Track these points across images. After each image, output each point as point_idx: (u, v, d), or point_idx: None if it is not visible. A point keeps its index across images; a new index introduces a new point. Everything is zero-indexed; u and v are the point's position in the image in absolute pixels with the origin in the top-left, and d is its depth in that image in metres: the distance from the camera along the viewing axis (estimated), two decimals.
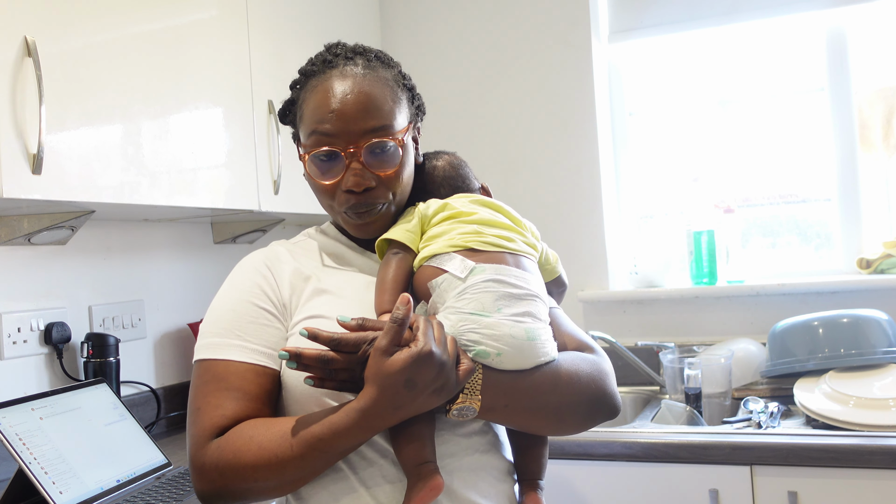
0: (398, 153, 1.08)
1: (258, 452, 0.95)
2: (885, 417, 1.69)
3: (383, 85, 1.09)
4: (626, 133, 2.63)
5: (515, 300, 1.02)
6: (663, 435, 1.80)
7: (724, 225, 2.43)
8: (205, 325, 1.09)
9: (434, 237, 1.08)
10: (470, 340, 0.98)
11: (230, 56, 1.95)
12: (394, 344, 0.92)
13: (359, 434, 0.93)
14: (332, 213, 1.14)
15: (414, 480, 0.95)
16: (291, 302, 1.08)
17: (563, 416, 1.05)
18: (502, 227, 1.11)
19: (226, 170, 1.91)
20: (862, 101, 2.40)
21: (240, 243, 2.47)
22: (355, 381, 0.95)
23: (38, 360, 1.82)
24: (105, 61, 1.59)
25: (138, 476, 1.55)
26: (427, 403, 0.94)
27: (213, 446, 0.98)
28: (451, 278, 1.02)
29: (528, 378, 1.00)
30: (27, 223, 1.70)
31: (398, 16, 2.75)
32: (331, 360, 0.94)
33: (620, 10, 2.59)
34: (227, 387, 1.01)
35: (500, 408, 0.99)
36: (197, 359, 1.06)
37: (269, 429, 0.97)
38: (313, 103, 1.08)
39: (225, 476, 0.96)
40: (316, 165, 1.08)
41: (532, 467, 1.11)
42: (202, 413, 1.01)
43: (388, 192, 1.09)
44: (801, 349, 1.97)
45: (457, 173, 1.21)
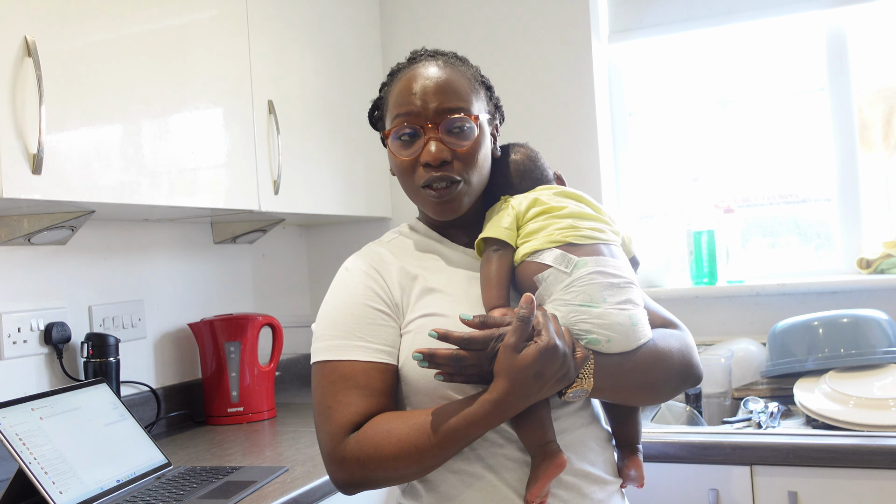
0: (474, 131, 1.16)
1: (398, 445, 1.04)
2: (885, 417, 1.69)
3: (461, 75, 1.19)
4: (626, 133, 2.63)
5: (617, 289, 1.11)
6: (663, 435, 1.80)
7: (724, 225, 2.43)
8: (322, 328, 1.15)
9: (532, 233, 1.15)
10: (582, 330, 1.08)
11: (230, 56, 1.95)
12: (522, 340, 1.01)
13: (492, 422, 1.03)
14: (413, 196, 1.20)
15: (539, 459, 1.05)
16: (402, 301, 1.15)
17: (658, 389, 1.17)
18: (592, 218, 1.18)
19: (226, 170, 1.91)
20: (862, 101, 2.40)
21: (240, 243, 2.47)
22: (482, 375, 1.04)
23: (38, 360, 1.82)
24: (105, 61, 1.59)
25: (138, 476, 1.55)
26: (551, 390, 1.04)
27: (351, 441, 1.06)
28: (556, 272, 1.10)
29: (632, 359, 1.11)
30: (27, 223, 1.70)
31: (398, 16, 2.75)
32: (462, 358, 1.02)
33: (620, 10, 2.59)
34: (355, 385, 1.09)
35: (608, 387, 1.10)
36: (319, 360, 1.13)
37: (405, 422, 1.05)
38: (397, 91, 1.18)
39: (366, 467, 1.05)
40: (398, 143, 1.16)
41: (630, 434, 1.23)
42: (334, 411, 1.08)
43: (463, 168, 1.15)
44: (801, 349, 1.97)
45: (535, 165, 1.28)
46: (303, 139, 2.22)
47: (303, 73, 2.26)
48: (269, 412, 2.21)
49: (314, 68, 2.31)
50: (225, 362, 2.16)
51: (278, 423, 2.15)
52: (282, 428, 2.07)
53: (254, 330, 2.20)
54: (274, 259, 2.66)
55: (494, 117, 1.26)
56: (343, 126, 2.40)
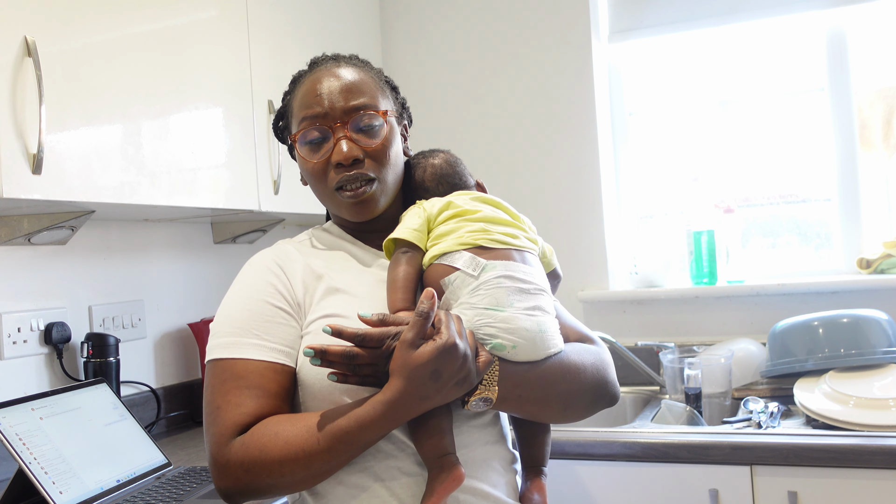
0: (384, 128, 1.14)
1: (284, 447, 0.97)
2: (885, 417, 1.69)
3: (365, 75, 1.17)
4: (626, 133, 2.63)
5: (526, 295, 1.06)
6: (663, 435, 1.80)
7: (724, 225, 2.43)
8: (218, 324, 1.10)
9: (442, 235, 1.12)
10: (487, 334, 1.03)
11: (230, 56, 1.95)
12: (420, 337, 0.96)
13: (385, 425, 0.96)
14: (328, 201, 1.17)
15: (436, 472, 0.99)
16: (305, 300, 1.10)
17: (569, 404, 1.10)
18: (506, 223, 1.14)
19: (226, 170, 1.91)
20: (862, 101, 2.40)
21: (240, 243, 2.47)
22: (377, 376, 0.99)
23: (38, 360, 1.82)
24: (105, 61, 1.59)
25: (138, 476, 1.56)
26: (450, 394, 0.98)
27: (236, 444, 0.99)
28: (463, 275, 1.06)
29: (539, 369, 1.05)
30: (27, 223, 1.70)
31: (398, 16, 2.75)
32: (356, 356, 0.97)
33: (620, 10, 2.59)
34: (247, 385, 1.03)
35: (514, 398, 1.04)
36: (213, 358, 1.07)
37: (293, 424, 0.99)
38: (301, 95, 1.16)
39: (251, 472, 0.98)
40: (306, 148, 1.14)
41: (536, 455, 1.16)
42: (223, 411, 1.02)
43: (376, 166, 1.13)
44: (801, 349, 1.97)
45: (453, 171, 1.24)
46: None
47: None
48: None
49: None
50: None
51: None
52: None
53: None
54: None
55: (402, 117, 1.24)
56: None
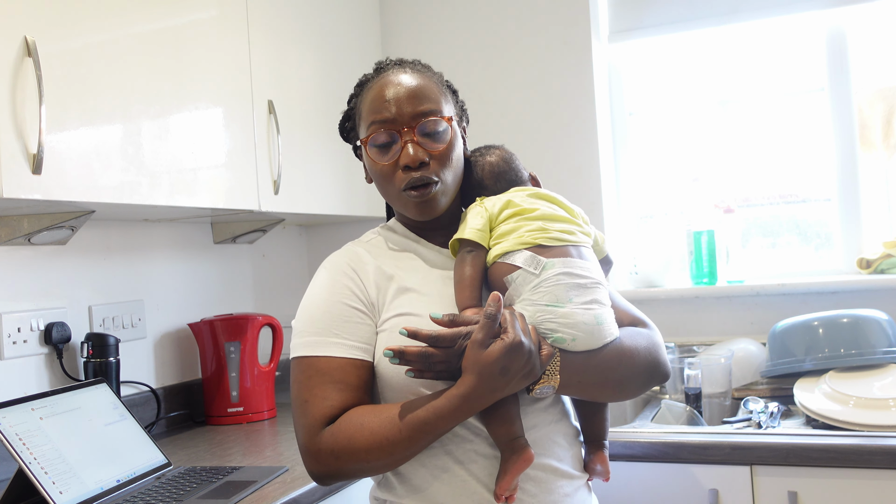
0: (448, 132, 1.21)
1: (370, 437, 1.07)
2: (885, 417, 1.69)
3: (429, 80, 1.24)
4: (626, 133, 2.63)
5: (583, 290, 1.14)
6: (663, 435, 1.80)
7: (724, 225, 2.43)
8: (301, 324, 1.19)
9: (503, 235, 1.18)
10: (548, 329, 1.11)
11: (230, 56, 1.95)
12: (489, 336, 1.05)
13: (459, 416, 1.06)
14: (394, 200, 1.24)
15: (508, 454, 1.09)
16: (378, 300, 1.19)
17: (624, 386, 1.21)
18: (562, 220, 1.21)
19: (226, 170, 1.91)
20: (862, 101, 2.40)
21: (240, 243, 2.47)
22: (451, 371, 1.08)
23: (38, 360, 1.82)
24: (105, 61, 1.59)
25: (138, 476, 1.55)
26: (517, 386, 1.07)
27: (326, 433, 1.10)
28: (525, 274, 1.14)
29: (597, 356, 1.14)
30: (27, 223, 1.70)
31: (398, 16, 2.75)
32: (431, 355, 1.07)
33: (620, 10, 2.59)
34: (332, 380, 1.13)
35: (574, 384, 1.13)
36: (298, 356, 1.17)
37: (377, 415, 1.09)
38: (369, 99, 1.22)
39: (340, 459, 1.09)
40: (375, 150, 1.21)
41: (597, 430, 1.27)
42: (311, 405, 1.12)
43: (440, 168, 1.20)
44: (801, 349, 1.97)
45: (509, 167, 1.30)
46: (303, 139, 2.22)
47: (303, 73, 2.26)
48: (269, 412, 2.21)
49: (314, 68, 2.31)
50: (225, 362, 2.16)
51: (278, 423, 2.15)
52: (282, 428, 2.07)
53: (254, 330, 2.20)
54: (274, 259, 2.66)
55: (462, 119, 1.31)
56: None
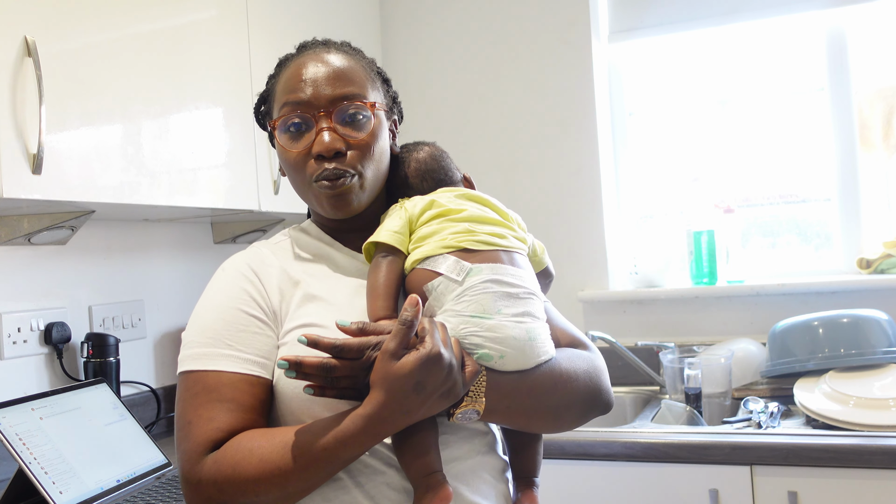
0: (370, 121, 1.07)
1: (259, 465, 0.91)
2: (885, 417, 1.69)
3: (356, 63, 1.10)
4: (626, 133, 2.63)
5: (514, 300, 1.00)
6: (663, 435, 1.80)
7: (724, 225, 2.43)
8: (190, 334, 1.03)
9: (424, 238, 1.05)
10: (472, 343, 0.96)
11: (230, 56, 1.95)
12: (402, 346, 0.90)
13: (365, 441, 0.90)
14: (304, 192, 1.10)
15: (422, 491, 0.93)
16: (281, 309, 1.04)
17: (560, 415, 1.05)
18: (493, 223, 1.07)
19: (226, 170, 1.91)
20: (862, 101, 2.40)
21: (240, 243, 2.47)
22: (357, 389, 0.93)
23: (38, 360, 1.82)
24: (105, 61, 1.59)
25: (138, 476, 1.55)
26: (434, 407, 0.92)
27: (209, 461, 0.94)
28: (447, 281, 0.99)
29: (529, 378, 0.99)
30: (27, 223, 1.70)
31: (398, 16, 2.75)
32: (333, 368, 0.91)
33: (620, 10, 2.59)
34: (220, 398, 0.97)
35: (503, 409, 0.98)
36: (184, 370, 1.01)
37: (269, 440, 0.93)
38: (285, 79, 1.09)
39: (223, 491, 0.92)
40: (286, 135, 1.07)
41: (528, 465, 1.11)
42: (194, 426, 0.96)
43: (359, 160, 1.06)
44: (801, 349, 1.97)
45: (438, 165, 1.16)
46: None
47: None
48: None
49: None
50: None
51: None
52: None
53: None
54: None
55: (392, 111, 1.17)
56: None
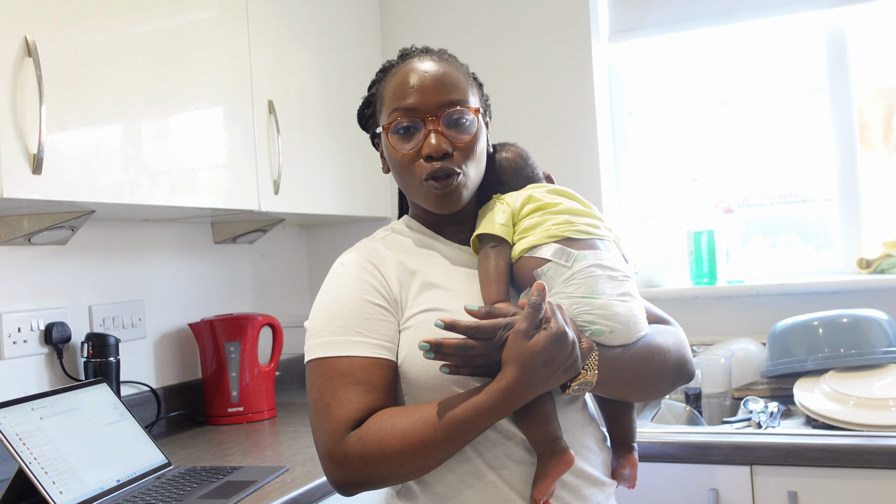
0: (474, 124, 1.16)
1: (403, 439, 1.00)
2: (885, 417, 1.69)
3: (456, 70, 1.19)
4: (626, 133, 2.63)
5: (615, 282, 1.11)
6: (663, 435, 1.80)
7: (724, 225, 2.43)
8: (318, 324, 1.12)
9: (528, 229, 1.15)
10: (585, 321, 1.08)
11: (230, 56, 1.95)
12: (533, 327, 1.00)
13: (499, 412, 1.00)
14: (413, 191, 1.18)
15: (547, 457, 1.04)
16: (401, 296, 1.13)
17: (655, 384, 1.17)
18: (586, 214, 1.18)
19: (226, 170, 1.91)
20: (862, 101, 2.40)
21: (240, 243, 2.47)
22: (489, 366, 1.02)
23: (38, 360, 1.82)
24: (105, 61, 1.59)
25: (138, 476, 1.55)
26: (559, 380, 1.02)
27: (353, 438, 1.02)
28: (556, 266, 1.10)
29: (631, 352, 1.11)
30: (27, 223, 1.70)
31: (398, 16, 2.75)
32: (471, 347, 1.01)
33: (620, 10, 2.59)
34: (355, 381, 1.06)
35: (610, 380, 1.09)
36: (316, 357, 1.09)
37: (409, 416, 1.02)
38: (393, 86, 1.17)
39: (370, 464, 1.01)
40: (397, 137, 1.15)
41: (626, 432, 1.24)
42: (333, 408, 1.05)
43: (463, 161, 1.14)
44: (801, 349, 1.97)
45: (526, 164, 1.27)
46: (303, 139, 2.22)
47: (303, 73, 2.26)
48: (269, 412, 2.21)
49: (314, 68, 2.31)
50: (225, 362, 2.16)
51: (278, 423, 2.15)
52: (282, 428, 2.07)
53: (254, 330, 2.20)
54: (274, 259, 2.66)
55: (486, 113, 1.26)
56: (343, 126, 2.40)
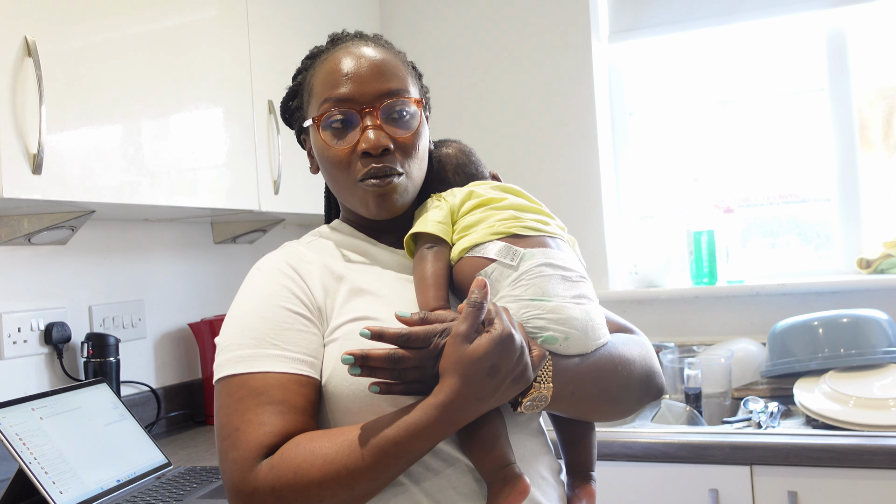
0: (416, 118, 1.04)
1: (323, 466, 0.85)
2: (885, 417, 1.69)
3: (394, 57, 1.07)
4: (626, 133, 2.63)
5: (569, 283, 0.99)
6: (663, 435, 1.80)
7: (724, 225, 2.43)
8: (229, 337, 0.97)
9: (470, 226, 1.03)
10: (536, 327, 0.94)
11: (230, 56, 1.95)
12: (473, 329, 0.86)
13: (438, 432, 0.85)
14: (347, 192, 1.05)
15: (499, 486, 0.89)
16: (326, 305, 0.99)
17: (620, 399, 1.02)
18: (535, 210, 1.07)
19: (226, 170, 1.91)
20: (862, 101, 2.40)
21: (240, 243, 2.47)
22: (424, 381, 0.89)
23: (38, 360, 1.82)
24: (105, 61, 1.59)
25: (138, 476, 1.56)
26: (507, 393, 0.88)
27: (264, 467, 0.87)
28: (501, 266, 0.98)
29: (590, 362, 0.97)
30: (27, 223, 1.70)
31: (398, 16, 2.75)
32: (401, 358, 0.87)
33: (620, 10, 2.59)
34: (269, 401, 0.90)
35: (568, 395, 0.95)
36: (225, 375, 0.94)
37: (332, 440, 0.87)
38: (324, 74, 1.04)
39: (283, 498, 0.85)
40: (329, 133, 1.03)
41: (583, 458, 1.09)
42: (242, 433, 0.89)
43: (405, 158, 1.03)
44: (801, 349, 1.97)
45: (469, 160, 1.16)
46: None
47: None
48: None
49: None
50: None
51: None
52: None
53: None
54: None
55: (426, 107, 1.13)
56: None
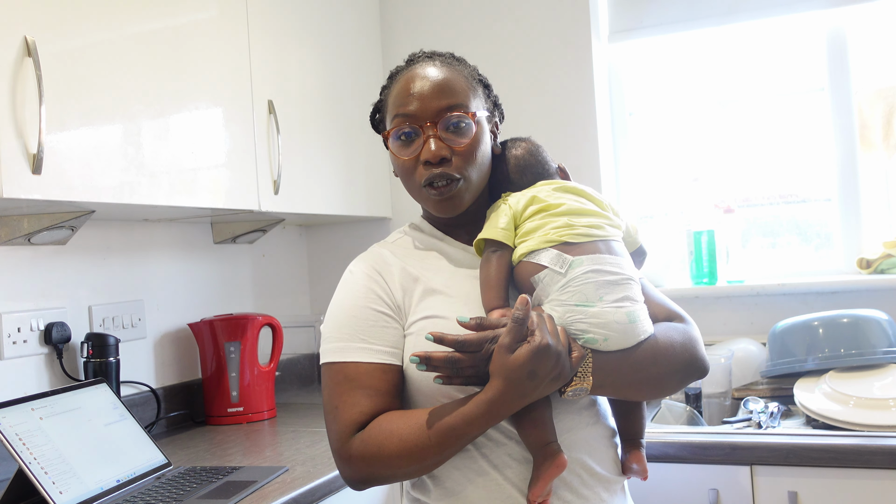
0: (472, 129, 1.18)
1: (399, 444, 1.07)
2: (885, 417, 1.69)
3: (458, 73, 1.21)
4: (626, 133, 2.63)
5: (614, 286, 1.11)
6: (663, 435, 1.80)
7: (724, 225, 2.43)
8: (327, 330, 1.19)
9: (528, 233, 1.16)
10: (578, 330, 1.09)
11: (230, 56, 1.95)
12: (516, 341, 1.03)
13: (488, 421, 1.05)
14: (415, 195, 1.23)
15: (540, 460, 1.07)
16: (405, 303, 1.18)
17: (661, 384, 1.18)
18: (590, 214, 1.18)
19: (226, 170, 1.91)
20: (862, 101, 2.40)
21: (240, 243, 2.47)
22: (479, 376, 1.06)
23: (38, 360, 1.82)
24: (105, 61, 1.59)
25: (138, 476, 1.55)
26: (546, 390, 1.05)
27: (356, 440, 1.10)
28: (552, 273, 1.11)
29: (632, 355, 1.12)
30: (27, 223, 1.70)
31: (398, 16, 2.75)
32: (458, 361, 1.05)
33: (620, 10, 2.59)
34: (360, 385, 1.13)
35: (608, 384, 1.11)
36: (327, 361, 1.17)
37: (406, 422, 1.09)
38: (395, 92, 1.21)
39: (371, 465, 1.09)
40: (397, 143, 1.20)
41: (633, 428, 1.25)
42: (340, 411, 1.12)
43: (462, 166, 1.17)
44: (801, 349, 1.97)
45: (535, 160, 1.27)
46: (303, 139, 2.22)
47: (303, 73, 2.26)
48: (268, 412, 2.21)
49: (314, 68, 2.31)
50: (225, 362, 2.16)
51: (278, 423, 2.15)
52: (282, 428, 2.07)
53: (254, 330, 2.20)
54: (274, 259, 2.66)
55: (493, 115, 1.28)
56: (343, 126, 2.40)
